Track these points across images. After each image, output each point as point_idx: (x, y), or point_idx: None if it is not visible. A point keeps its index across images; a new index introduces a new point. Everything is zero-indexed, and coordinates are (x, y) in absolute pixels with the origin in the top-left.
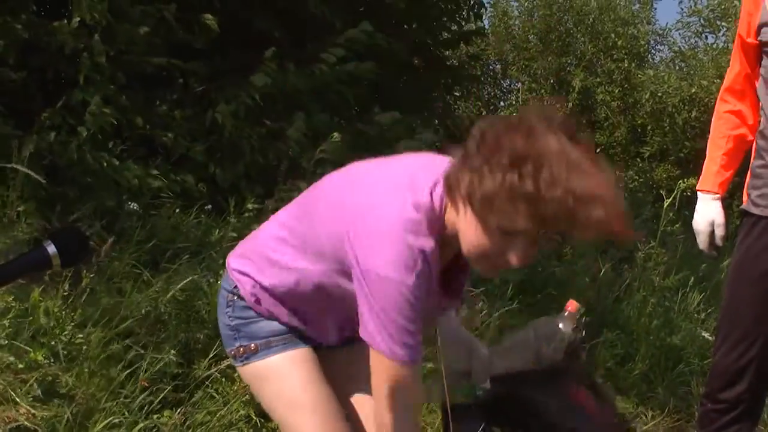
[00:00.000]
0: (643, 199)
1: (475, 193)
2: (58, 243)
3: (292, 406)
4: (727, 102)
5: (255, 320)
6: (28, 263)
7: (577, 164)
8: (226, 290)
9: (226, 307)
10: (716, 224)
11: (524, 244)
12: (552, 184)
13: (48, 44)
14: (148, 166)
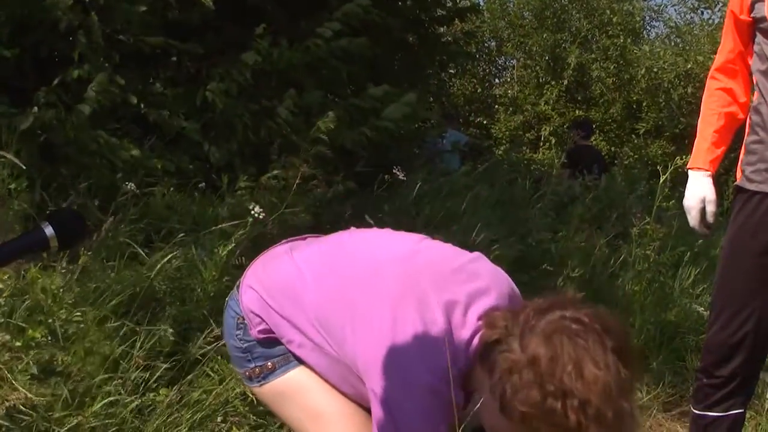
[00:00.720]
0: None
1: (514, 401)
2: (55, 224)
3: (318, 419)
4: (718, 80)
5: (267, 340)
6: (25, 244)
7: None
8: (236, 312)
9: (236, 330)
10: (707, 201)
11: None
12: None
13: (42, 21)
14: (142, 144)
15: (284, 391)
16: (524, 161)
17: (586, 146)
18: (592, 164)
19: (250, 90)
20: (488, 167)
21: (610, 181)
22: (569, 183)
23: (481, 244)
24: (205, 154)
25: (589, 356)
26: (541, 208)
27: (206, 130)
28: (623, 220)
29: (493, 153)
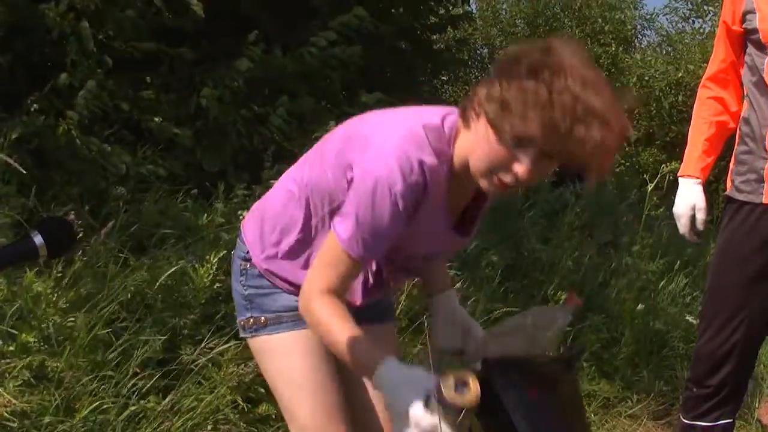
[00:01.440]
0: (629, 183)
1: (491, 100)
2: (45, 233)
3: (292, 385)
4: (710, 89)
5: (269, 292)
6: (15, 253)
7: (591, 81)
8: (240, 258)
9: (240, 275)
10: (697, 208)
11: (531, 158)
12: (564, 91)
13: (34, 27)
14: (134, 151)
15: (269, 349)
16: None
17: None
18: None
19: (243, 97)
20: None
21: (600, 189)
22: (560, 191)
23: (473, 252)
24: (197, 161)
25: (557, 48)
26: (532, 217)
27: (199, 136)
28: (614, 228)
29: None
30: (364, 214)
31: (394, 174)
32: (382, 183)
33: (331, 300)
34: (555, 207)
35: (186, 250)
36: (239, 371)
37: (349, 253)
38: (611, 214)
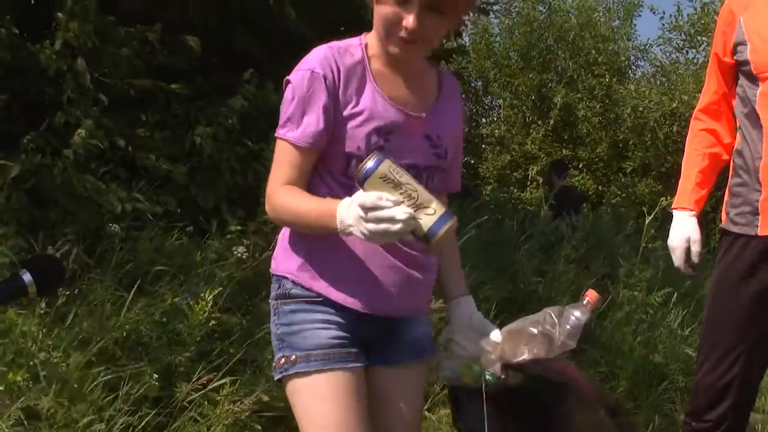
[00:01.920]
0: (625, 214)
1: None
2: (33, 271)
3: (316, 427)
4: (702, 121)
5: (299, 329)
6: (4, 292)
7: None
8: (272, 298)
9: (273, 316)
10: (692, 240)
11: (417, 11)
12: None
13: (30, 66)
14: (130, 188)
15: (298, 388)
16: (511, 201)
17: (569, 187)
18: (577, 205)
19: (238, 134)
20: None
21: (597, 220)
22: (556, 223)
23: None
24: (192, 197)
25: None
26: (529, 249)
27: (193, 173)
28: (611, 260)
29: (480, 193)
30: (291, 104)
31: (305, 63)
32: (299, 72)
33: (287, 187)
34: (551, 239)
35: (181, 288)
36: (235, 408)
37: (287, 140)
38: (608, 246)
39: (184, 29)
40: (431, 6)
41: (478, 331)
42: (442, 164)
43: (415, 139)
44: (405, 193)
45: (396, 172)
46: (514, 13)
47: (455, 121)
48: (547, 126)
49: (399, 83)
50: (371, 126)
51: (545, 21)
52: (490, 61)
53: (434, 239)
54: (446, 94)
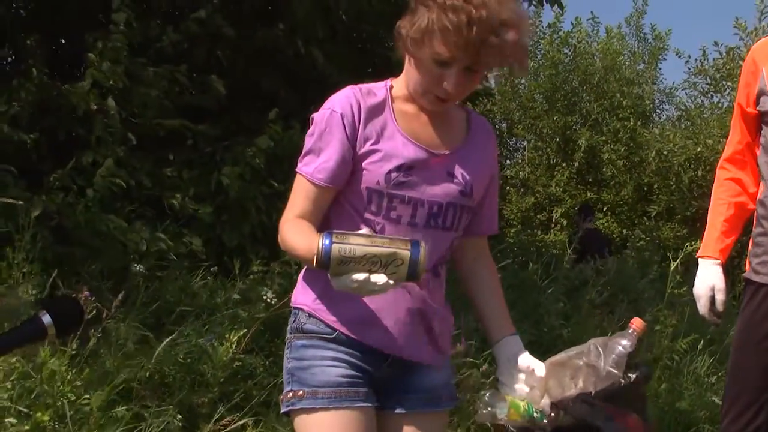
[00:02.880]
0: (649, 258)
1: (410, 32)
2: (52, 313)
3: None
4: (728, 170)
5: (309, 365)
6: (24, 334)
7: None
8: (288, 332)
9: (286, 350)
10: (717, 289)
11: (455, 74)
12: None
13: (60, 105)
14: (155, 227)
15: (303, 424)
16: (536, 244)
17: (595, 230)
18: (602, 248)
19: (263, 173)
20: (500, 251)
21: (621, 264)
22: (580, 267)
23: None
24: (217, 237)
25: None
26: (553, 293)
27: (219, 212)
28: (635, 305)
29: (504, 235)
30: (311, 139)
31: (328, 103)
32: (321, 111)
33: (296, 221)
34: (575, 283)
35: (204, 327)
36: None
37: (305, 176)
38: (633, 290)
39: (213, 69)
40: (470, 67)
41: (525, 371)
42: (468, 202)
43: (438, 176)
44: (368, 263)
45: (347, 251)
46: (539, 55)
47: (485, 160)
48: (571, 168)
49: (422, 123)
50: (391, 164)
51: (570, 64)
52: (515, 102)
53: (416, 279)
54: (475, 134)
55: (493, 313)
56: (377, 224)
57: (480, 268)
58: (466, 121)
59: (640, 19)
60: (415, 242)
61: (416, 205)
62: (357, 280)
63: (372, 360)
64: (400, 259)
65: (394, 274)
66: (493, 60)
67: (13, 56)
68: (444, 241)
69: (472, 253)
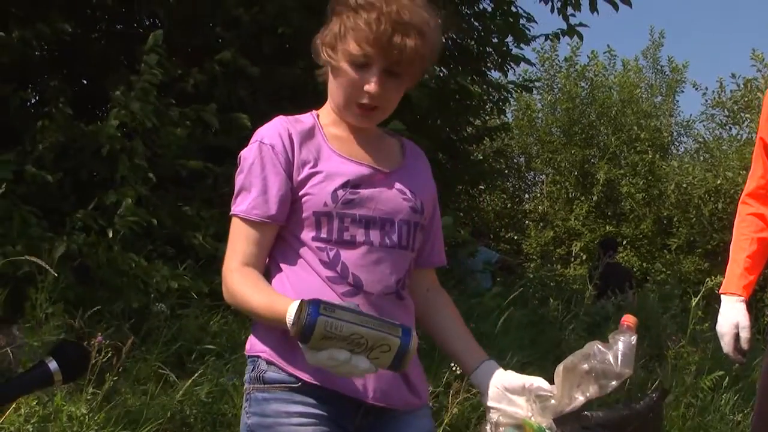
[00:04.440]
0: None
1: (325, 41)
2: (59, 359)
3: None
4: (750, 205)
5: (273, 423)
6: (30, 381)
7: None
8: (246, 382)
9: (245, 402)
10: (741, 327)
11: (377, 75)
12: (370, 9)
13: (84, 145)
14: (176, 266)
15: None
16: (555, 279)
17: (615, 264)
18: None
19: None
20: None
21: (642, 300)
22: (602, 303)
23: (514, 367)
24: None
25: None
26: (574, 329)
27: None
28: (657, 341)
29: (524, 270)
30: (241, 176)
31: (255, 136)
32: (249, 145)
33: (243, 271)
34: (596, 319)
35: (226, 367)
36: None
37: (240, 216)
38: (655, 326)
39: (235, 108)
40: (391, 70)
41: (518, 391)
42: (420, 219)
43: (386, 192)
44: (353, 342)
45: (333, 326)
46: (556, 89)
47: (427, 182)
48: (590, 202)
49: (356, 144)
50: (335, 182)
51: (587, 97)
52: (532, 137)
53: (400, 369)
54: (411, 158)
55: (460, 342)
56: (330, 251)
57: (435, 298)
58: (400, 147)
59: (656, 51)
60: (406, 329)
61: (368, 223)
62: (337, 360)
63: (344, 411)
64: (388, 345)
65: (377, 359)
66: (399, 59)
67: (36, 97)
68: (402, 261)
69: (424, 285)
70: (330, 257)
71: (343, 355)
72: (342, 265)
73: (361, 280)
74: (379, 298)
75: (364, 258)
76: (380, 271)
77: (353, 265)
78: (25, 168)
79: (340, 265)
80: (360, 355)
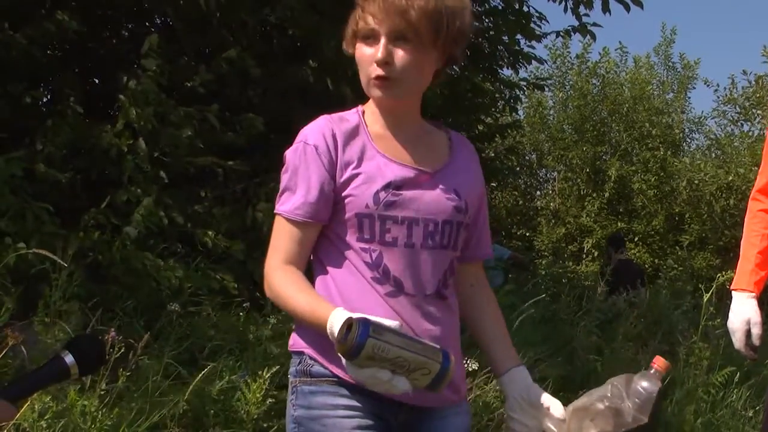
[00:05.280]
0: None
1: (346, 33)
2: (75, 352)
3: None
4: (761, 201)
5: (318, 415)
6: (47, 375)
7: None
8: (291, 375)
9: (291, 394)
10: (752, 323)
11: (383, 40)
12: None
13: (93, 146)
14: (188, 264)
15: None
16: (567, 275)
17: (627, 261)
18: (634, 279)
19: None
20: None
21: (654, 296)
22: (613, 299)
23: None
24: (249, 273)
25: None
26: (586, 326)
27: (252, 249)
28: (669, 337)
29: (536, 266)
30: (286, 176)
31: (300, 137)
32: (294, 146)
33: (286, 270)
34: (608, 316)
35: (237, 364)
36: None
37: (284, 215)
38: (666, 322)
39: (245, 108)
40: (395, 35)
41: (538, 406)
42: (464, 219)
43: (430, 193)
44: (396, 364)
45: (381, 349)
46: (567, 86)
47: (474, 179)
48: (601, 199)
49: (401, 143)
50: (377, 184)
51: (599, 94)
52: (544, 134)
53: (437, 391)
54: (459, 154)
55: (496, 343)
56: (373, 252)
57: (478, 296)
58: (448, 142)
59: (668, 48)
60: (446, 354)
61: (411, 224)
62: (379, 380)
63: (386, 407)
64: (428, 369)
65: (416, 380)
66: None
67: (48, 96)
68: (443, 261)
69: (468, 280)
70: (373, 258)
71: (386, 376)
72: (384, 266)
73: (401, 281)
74: (421, 298)
75: (406, 258)
76: (422, 272)
77: (395, 266)
78: (36, 166)
79: (382, 266)
80: (401, 376)
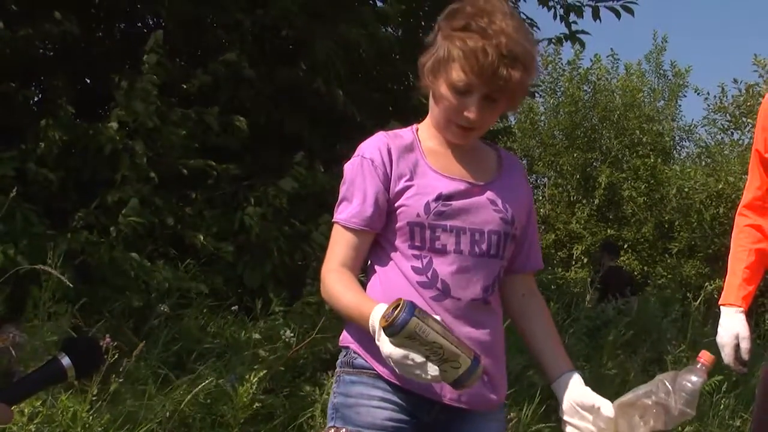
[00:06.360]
0: (671, 296)
1: (427, 66)
2: (72, 354)
3: None
4: (747, 216)
5: (354, 403)
6: (43, 378)
7: (512, 30)
8: (338, 365)
9: (335, 384)
10: (741, 337)
11: (477, 101)
12: (492, 38)
13: (86, 145)
14: (177, 266)
15: None
16: (557, 281)
17: (617, 268)
18: (624, 287)
19: (286, 214)
20: None
21: (643, 304)
22: (602, 307)
23: (514, 371)
24: (238, 277)
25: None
26: (575, 333)
27: (241, 252)
28: (657, 345)
29: None
30: (344, 187)
31: (358, 151)
32: (352, 159)
33: (339, 272)
34: (597, 323)
35: (225, 368)
36: None
37: (341, 223)
38: (655, 330)
39: (237, 110)
40: (490, 96)
41: (590, 409)
42: (510, 230)
43: (478, 205)
44: (431, 349)
45: (422, 330)
46: (559, 92)
47: (522, 194)
48: (591, 205)
49: (452, 160)
50: (429, 195)
51: (590, 101)
52: (535, 140)
53: (461, 387)
54: (508, 170)
55: (548, 349)
56: (424, 258)
57: (530, 306)
58: (497, 159)
59: (659, 56)
60: (477, 357)
61: (459, 233)
62: (413, 361)
63: (420, 404)
64: (459, 363)
65: (446, 372)
66: (503, 89)
67: (40, 96)
68: (491, 269)
69: (520, 290)
70: (423, 264)
71: (419, 358)
72: (434, 271)
73: (449, 285)
74: (466, 304)
75: (454, 265)
76: (468, 278)
77: (443, 272)
78: (27, 166)
79: (431, 271)
80: (433, 364)
